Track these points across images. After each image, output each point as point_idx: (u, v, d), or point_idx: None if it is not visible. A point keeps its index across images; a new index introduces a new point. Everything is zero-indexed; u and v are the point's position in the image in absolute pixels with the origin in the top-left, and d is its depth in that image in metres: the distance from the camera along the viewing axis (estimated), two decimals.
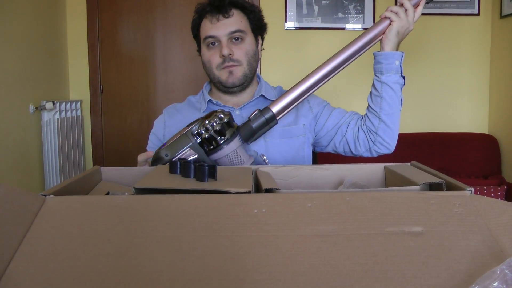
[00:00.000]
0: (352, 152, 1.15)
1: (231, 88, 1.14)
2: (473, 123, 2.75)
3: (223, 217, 0.50)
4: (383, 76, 1.03)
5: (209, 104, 1.17)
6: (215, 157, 0.92)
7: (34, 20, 2.31)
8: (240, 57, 1.10)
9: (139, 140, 2.72)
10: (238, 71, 1.11)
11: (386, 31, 1.00)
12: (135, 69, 2.74)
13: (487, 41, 2.71)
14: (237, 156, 0.92)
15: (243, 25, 1.11)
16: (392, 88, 1.04)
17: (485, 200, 0.52)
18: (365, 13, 2.67)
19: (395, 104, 1.05)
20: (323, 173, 0.77)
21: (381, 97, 1.05)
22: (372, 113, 1.08)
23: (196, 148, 0.90)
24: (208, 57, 1.13)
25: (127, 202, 0.53)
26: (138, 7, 2.71)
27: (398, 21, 0.98)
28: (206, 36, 1.10)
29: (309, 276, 0.44)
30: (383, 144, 1.10)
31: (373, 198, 0.53)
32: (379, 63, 1.04)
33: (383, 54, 1.02)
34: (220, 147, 0.90)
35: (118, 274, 0.44)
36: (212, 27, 1.09)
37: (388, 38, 1.00)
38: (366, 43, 1.00)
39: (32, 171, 2.26)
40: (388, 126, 1.07)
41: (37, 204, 0.52)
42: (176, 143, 0.91)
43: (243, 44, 1.11)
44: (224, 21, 1.09)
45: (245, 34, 1.11)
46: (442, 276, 0.44)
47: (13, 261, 0.45)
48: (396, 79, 1.03)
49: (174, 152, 0.90)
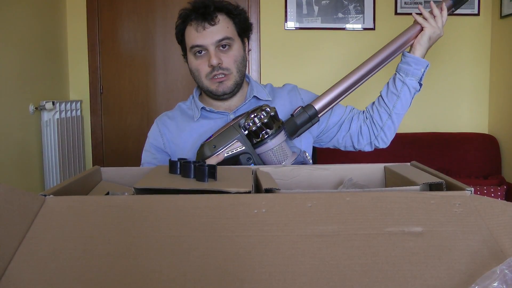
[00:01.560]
0: (354, 146, 1.18)
1: (222, 96, 1.12)
2: (473, 123, 2.75)
3: (223, 217, 0.50)
4: (407, 78, 1.07)
5: (202, 112, 1.15)
6: (261, 151, 0.93)
7: (34, 20, 2.31)
8: (229, 65, 1.08)
9: (139, 140, 2.71)
10: (228, 81, 1.09)
11: (418, 36, 1.04)
12: (135, 69, 2.74)
13: (487, 41, 2.71)
14: (282, 150, 0.93)
15: (230, 31, 1.08)
16: (410, 91, 1.08)
17: (485, 200, 0.52)
18: (365, 13, 2.67)
19: (406, 106, 1.10)
20: (323, 173, 0.77)
21: (398, 96, 1.09)
22: (383, 108, 1.11)
23: (243, 140, 0.92)
24: (196, 66, 1.10)
25: (127, 202, 0.53)
26: (138, 7, 2.71)
27: (429, 27, 1.03)
28: (193, 45, 1.08)
29: (309, 276, 0.44)
30: (383, 140, 1.14)
31: (373, 198, 0.53)
32: (408, 65, 1.06)
33: (415, 58, 1.05)
34: (266, 140, 0.92)
35: (118, 274, 0.44)
36: (198, 36, 1.06)
37: (420, 44, 1.04)
38: (399, 47, 1.05)
39: (32, 171, 2.26)
40: (394, 124, 1.12)
41: (37, 204, 0.52)
42: (223, 135, 0.92)
43: (231, 51, 1.08)
44: (210, 29, 1.06)
45: (232, 40, 1.08)
46: (442, 276, 0.44)
47: (13, 261, 0.45)
48: (415, 85, 1.08)
49: (221, 144, 0.91)
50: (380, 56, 1.04)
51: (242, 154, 0.92)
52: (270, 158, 0.93)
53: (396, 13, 2.66)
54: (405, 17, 2.67)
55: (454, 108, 2.75)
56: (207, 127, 1.13)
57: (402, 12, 2.66)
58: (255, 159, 0.93)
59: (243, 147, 0.91)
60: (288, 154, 0.94)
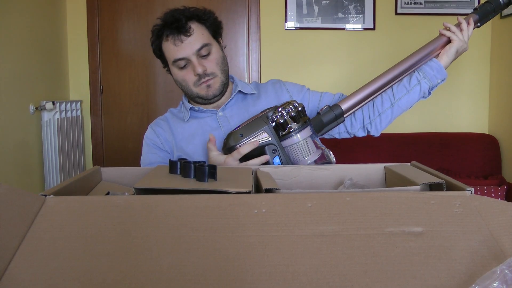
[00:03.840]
0: (348, 131, 1.20)
1: (212, 99, 1.16)
2: (473, 123, 2.75)
3: (223, 217, 0.50)
4: (423, 80, 1.10)
5: (191, 112, 1.19)
6: (286, 144, 0.94)
7: (34, 20, 2.31)
8: (213, 69, 1.12)
9: (139, 140, 2.70)
10: (215, 83, 1.13)
11: (447, 47, 1.08)
12: (135, 69, 2.74)
13: (487, 41, 2.71)
14: (307, 145, 0.95)
15: (205, 37, 1.11)
16: (420, 93, 1.11)
17: (485, 200, 0.52)
18: (365, 13, 2.67)
19: (410, 105, 1.13)
20: (323, 173, 0.77)
21: (408, 91, 1.11)
22: (389, 96, 1.14)
23: (270, 131, 0.93)
24: (182, 77, 1.13)
25: (127, 202, 0.53)
26: (138, 7, 2.71)
27: (458, 41, 1.08)
28: (175, 59, 1.10)
29: (309, 276, 0.44)
30: (376, 126, 1.17)
31: (373, 198, 0.53)
32: (431, 69, 1.10)
33: (439, 66, 1.09)
34: (291, 134, 0.93)
35: (118, 274, 0.44)
36: (177, 50, 1.09)
37: (447, 55, 1.08)
38: (425, 55, 1.09)
39: (32, 171, 2.26)
40: (392, 115, 1.14)
41: (37, 204, 0.52)
42: (251, 126, 0.94)
43: (211, 55, 1.11)
44: (187, 40, 1.08)
45: (210, 45, 1.11)
46: (442, 276, 0.44)
47: (13, 261, 0.45)
48: (426, 90, 1.11)
49: (248, 133, 0.93)
50: (406, 64, 1.08)
51: (267, 145, 0.94)
52: (295, 152, 0.95)
53: (396, 13, 2.66)
54: (405, 17, 2.67)
55: (454, 108, 2.75)
56: (197, 126, 1.17)
57: (402, 12, 2.66)
58: (281, 151, 0.94)
59: (270, 138, 0.93)
60: (313, 150, 0.95)
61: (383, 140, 2.54)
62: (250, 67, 2.71)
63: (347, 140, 2.57)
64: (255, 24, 2.69)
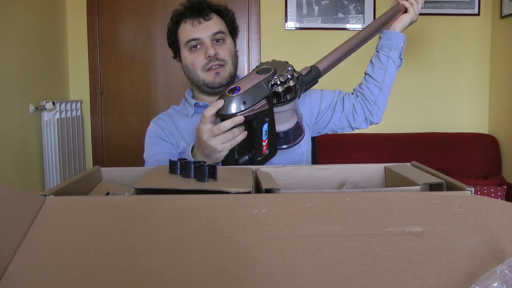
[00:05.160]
0: (351, 125, 1.22)
1: (218, 88, 1.14)
2: (473, 123, 2.75)
3: (223, 217, 0.50)
4: (391, 52, 1.16)
5: (196, 108, 1.18)
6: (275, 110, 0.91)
7: (34, 20, 2.31)
8: (225, 56, 1.13)
9: (139, 140, 2.70)
10: (224, 71, 1.13)
11: (403, 16, 1.15)
12: (135, 69, 2.74)
13: (487, 41, 2.71)
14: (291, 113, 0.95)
15: (223, 26, 1.15)
16: (395, 64, 1.17)
17: (485, 200, 0.52)
18: (365, 13, 2.67)
19: (393, 79, 1.18)
20: (323, 173, 0.77)
21: (385, 70, 1.16)
22: (372, 83, 1.18)
23: (269, 100, 0.88)
24: (191, 60, 1.13)
25: (127, 202, 0.53)
26: (138, 7, 2.71)
27: (413, 13, 1.14)
28: (189, 39, 1.12)
29: (309, 276, 0.44)
30: (377, 114, 1.21)
31: (373, 198, 0.53)
32: (389, 40, 1.16)
33: (396, 33, 1.15)
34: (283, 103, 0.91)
35: (118, 274, 0.44)
36: (194, 30, 1.11)
37: (402, 23, 1.15)
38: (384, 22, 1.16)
39: (32, 171, 2.26)
40: (385, 96, 1.19)
41: (37, 204, 0.52)
42: (254, 92, 0.87)
43: (225, 44, 1.14)
44: (205, 23, 1.12)
45: (225, 35, 1.15)
46: (442, 276, 0.44)
47: (13, 261, 0.45)
48: (397, 59, 1.17)
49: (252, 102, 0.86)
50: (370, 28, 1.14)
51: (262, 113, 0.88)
52: (278, 118, 0.94)
53: None
54: None
55: (454, 108, 2.75)
56: None
57: None
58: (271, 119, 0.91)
59: (267, 107, 0.88)
60: (293, 117, 0.96)
61: (383, 140, 2.54)
62: (250, 67, 2.71)
63: (347, 140, 2.58)
64: (255, 24, 2.69)
